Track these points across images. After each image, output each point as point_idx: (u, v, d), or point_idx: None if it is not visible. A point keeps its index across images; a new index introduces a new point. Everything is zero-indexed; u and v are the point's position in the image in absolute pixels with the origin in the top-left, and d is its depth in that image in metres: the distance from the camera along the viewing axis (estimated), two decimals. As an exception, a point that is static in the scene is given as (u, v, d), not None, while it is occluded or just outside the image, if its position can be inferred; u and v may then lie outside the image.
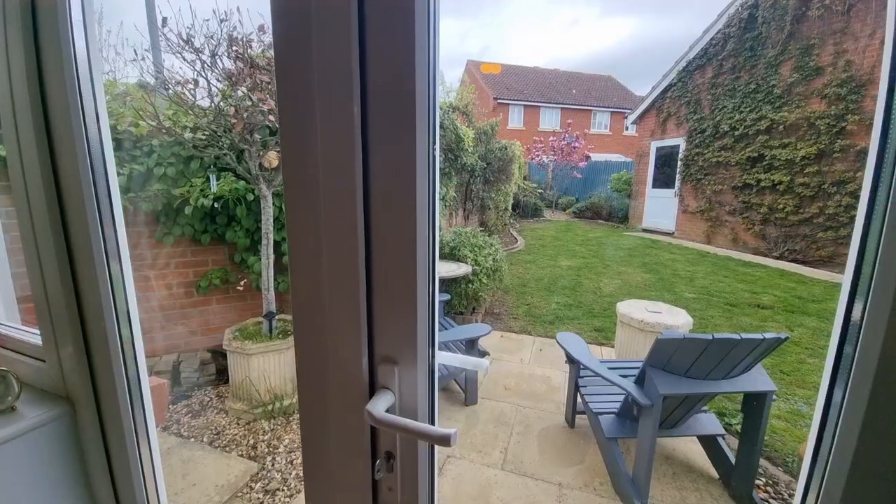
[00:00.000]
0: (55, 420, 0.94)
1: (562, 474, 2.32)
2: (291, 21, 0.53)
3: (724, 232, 9.30)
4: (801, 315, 4.89)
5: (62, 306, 0.88)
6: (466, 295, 4.44)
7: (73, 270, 0.87)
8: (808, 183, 7.60)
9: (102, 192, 0.83)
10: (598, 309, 5.08)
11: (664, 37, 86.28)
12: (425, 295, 0.57)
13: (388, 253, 0.56)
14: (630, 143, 19.44)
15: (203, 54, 2.31)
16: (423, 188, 0.55)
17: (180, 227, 3.06)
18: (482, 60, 27.98)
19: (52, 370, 0.96)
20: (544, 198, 15.29)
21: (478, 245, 4.85)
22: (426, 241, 0.56)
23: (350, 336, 0.57)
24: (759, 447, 2.03)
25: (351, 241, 0.55)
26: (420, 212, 0.54)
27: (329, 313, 0.57)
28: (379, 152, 0.54)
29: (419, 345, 0.57)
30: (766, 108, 8.25)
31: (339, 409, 0.58)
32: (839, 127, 7.19)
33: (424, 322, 0.58)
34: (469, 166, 7.15)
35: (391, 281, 0.57)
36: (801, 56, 7.77)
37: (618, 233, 11.23)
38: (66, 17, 0.78)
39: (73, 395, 0.94)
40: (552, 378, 3.44)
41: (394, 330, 0.57)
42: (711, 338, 1.74)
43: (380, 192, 0.55)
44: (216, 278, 3.22)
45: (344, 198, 0.54)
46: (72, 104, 0.78)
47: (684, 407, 2.12)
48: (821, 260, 7.43)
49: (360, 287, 0.56)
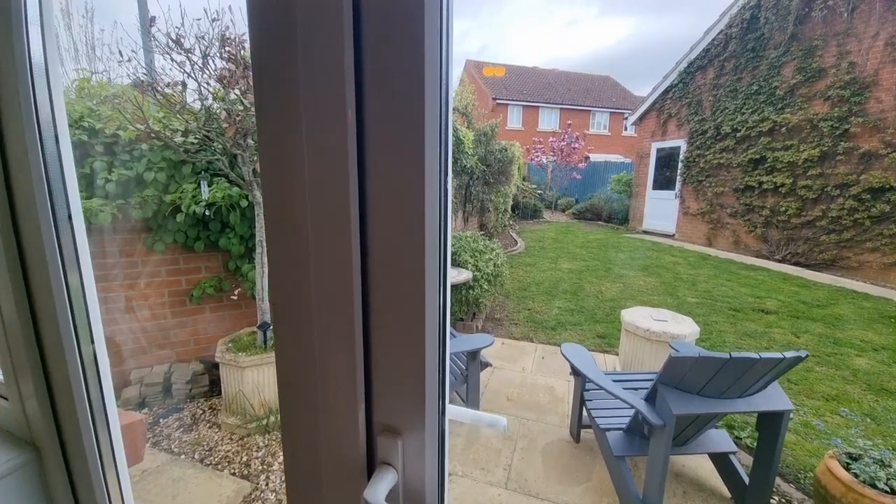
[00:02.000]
0: (22, 468, 0.84)
1: (568, 493, 2.23)
2: (271, 15, 0.43)
3: (726, 234, 9.24)
4: (807, 321, 4.81)
5: (19, 337, 0.78)
6: (467, 301, 4.35)
7: (29, 294, 0.77)
8: (810, 185, 7.53)
9: (61, 208, 0.73)
10: (600, 314, 4.99)
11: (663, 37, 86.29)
12: (434, 348, 0.48)
13: (390, 299, 0.47)
14: (629, 143, 19.41)
15: (193, 55, 2.21)
16: (433, 219, 0.45)
17: (172, 234, 2.96)
18: (481, 60, 27.89)
19: (16, 410, 0.86)
20: (544, 199, 15.21)
21: (478, 250, 4.75)
22: (436, 285, 0.47)
23: (345, 401, 0.48)
24: (775, 467, 1.94)
25: (345, 288, 0.46)
26: (429, 250, 0.45)
27: (320, 374, 0.48)
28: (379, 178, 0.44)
29: (427, 411, 0.48)
30: (769, 109, 8.18)
31: (334, 490, 0.49)
32: (842, 129, 7.13)
33: (434, 382, 0.48)
34: (469, 168, 7.06)
35: (394, 333, 0.47)
36: (803, 57, 7.71)
37: (618, 234, 11.16)
38: (21, 17, 0.68)
39: (37, 439, 0.84)
40: (555, 388, 3.35)
41: (396, 393, 0.48)
42: (728, 357, 1.65)
43: (380, 229, 0.45)
44: (209, 287, 3.12)
45: (336, 240, 0.45)
46: (25, 113, 0.68)
47: (696, 425, 2.03)
48: (824, 263, 7.37)
49: (356, 342, 0.47)
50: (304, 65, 0.43)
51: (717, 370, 1.71)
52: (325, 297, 0.47)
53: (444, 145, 0.45)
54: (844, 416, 2.88)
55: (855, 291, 6.01)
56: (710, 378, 1.76)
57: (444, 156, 0.45)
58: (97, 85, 3.13)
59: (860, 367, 3.73)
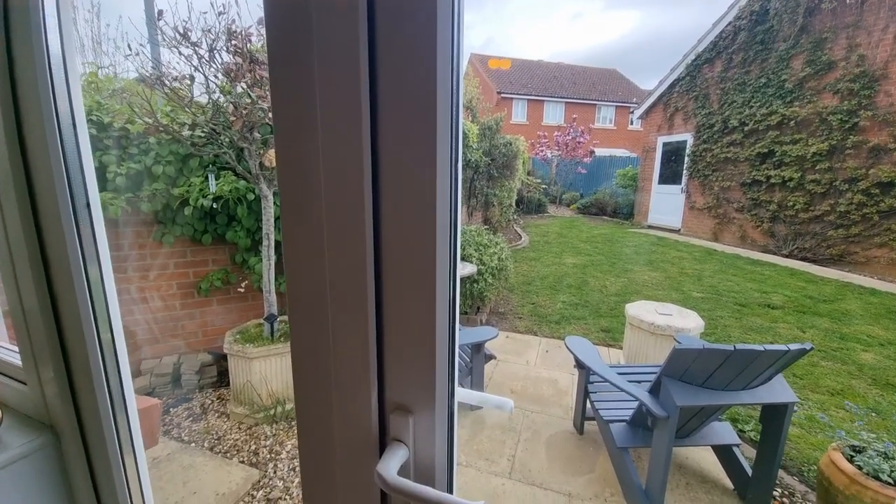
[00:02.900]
0: (39, 450, 0.87)
1: (571, 484, 2.26)
2: (286, 10, 0.44)
3: (732, 229, 9.17)
4: (813, 316, 4.79)
5: (40, 324, 0.81)
6: (471, 295, 4.36)
7: (49, 283, 0.79)
8: (819, 180, 7.45)
9: (80, 197, 0.75)
10: (604, 308, 5.00)
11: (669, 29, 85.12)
12: (445, 331, 0.50)
13: (402, 285, 0.48)
14: (635, 137, 19.25)
15: (200, 48, 2.23)
16: (444, 206, 0.46)
17: (180, 227, 2.99)
18: (486, 54, 27.69)
19: (34, 394, 0.89)
20: (548, 193, 15.14)
21: (483, 244, 4.76)
22: (447, 271, 0.48)
23: (358, 381, 0.49)
24: (778, 460, 1.95)
25: (359, 273, 0.47)
26: (441, 235, 0.46)
27: (333, 357, 0.50)
28: (392, 166, 0.45)
29: (437, 390, 0.49)
30: (777, 102, 8.08)
31: (347, 465, 0.51)
32: (851, 123, 7.03)
33: (444, 363, 0.50)
34: (473, 163, 7.05)
35: (405, 316, 0.49)
36: (813, 50, 7.60)
37: (623, 229, 11.11)
38: (39, 12, 0.69)
39: (56, 423, 0.87)
40: (559, 381, 3.37)
41: (408, 373, 0.49)
42: (733, 349, 1.66)
43: (392, 216, 0.47)
44: (217, 279, 3.15)
45: (350, 224, 0.46)
46: (44, 104, 0.70)
47: (700, 417, 2.04)
48: (831, 258, 7.31)
49: (369, 325, 0.48)
50: (319, 55, 0.44)
51: (721, 362, 1.72)
52: (338, 282, 0.49)
53: (454, 134, 0.46)
54: (849, 411, 2.88)
55: (862, 286, 5.97)
56: (714, 370, 1.76)
57: (454, 145, 0.46)
58: (105, 79, 3.16)
59: (866, 361, 3.71)
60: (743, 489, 2.15)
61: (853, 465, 1.83)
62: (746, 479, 2.12)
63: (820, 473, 1.97)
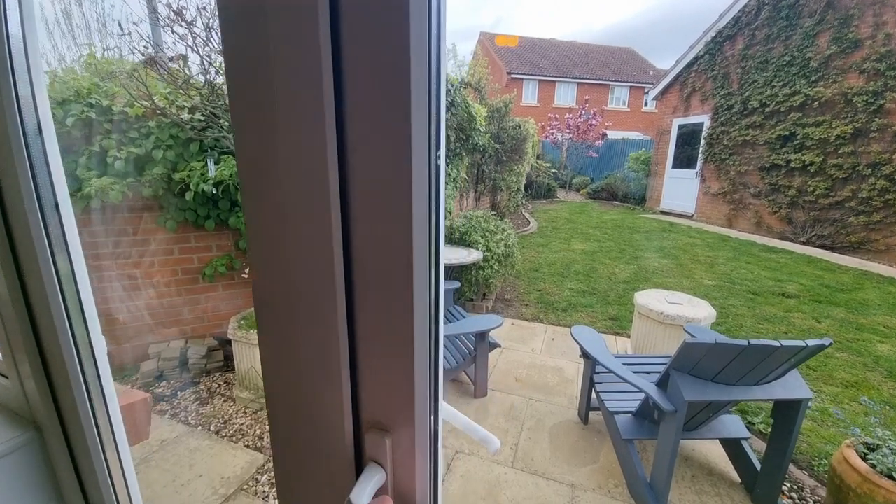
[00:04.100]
0: (25, 446, 0.85)
1: (574, 474, 2.24)
2: None
3: (748, 215, 8.92)
4: (829, 305, 4.66)
5: (14, 319, 0.78)
6: (477, 282, 4.32)
7: (21, 278, 0.75)
8: (841, 164, 7.16)
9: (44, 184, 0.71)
10: (612, 296, 4.92)
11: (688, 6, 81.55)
12: (424, 342, 0.44)
13: (375, 289, 0.43)
14: (649, 119, 18.72)
15: (196, 27, 2.15)
16: (422, 201, 0.40)
17: (182, 213, 2.97)
18: (495, 33, 26.91)
19: (16, 389, 0.87)
20: (558, 178, 14.87)
21: (489, 230, 4.68)
22: (425, 272, 0.43)
23: (330, 397, 0.44)
24: (789, 455, 1.90)
25: (327, 278, 0.42)
26: (418, 233, 0.40)
27: (303, 370, 0.45)
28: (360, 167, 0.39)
29: (417, 408, 0.44)
30: (801, 82, 7.72)
31: (320, 488, 0.46)
32: (877, 105, 6.70)
33: (424, 378, 0.45)
34: (481, 146, 6.89)
35: (380, 325, 0.43)
36: (839, 27, 7.20)
37: (634, 215, 10.89)
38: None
39: (38, 419, 0.85)
40: (565, 370, 3.33)
41: (384, 390, 0.44)
42: (747, 343, 1.59)
43: (363, 216, 0.41)
44: (221, 265, 3.14)
45: (317, 226, 0.40)
46: (3, 95, 0.65)
47: (709, 411, 1.99)
48: (850, 246, 7.08)
49: (340, 334, 0.43)
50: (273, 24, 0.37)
51: (733, 357, 1.65)
52: (306, 290, 0.43)
53: (435, 117, 0.39)
54: (863, 405, 2.80)
55: (881, 275, 5.78)
56: (725, 365, 1.70)
57: (435, 128, 0.40)
58: (103, 60, 3.10)
59: (882, 353, 3.60)
60: (751, 483, 2.11)
61: (867, 462, 1.77)
62: (755, 473, 2.08)
63: (832, 470, 1.91)
